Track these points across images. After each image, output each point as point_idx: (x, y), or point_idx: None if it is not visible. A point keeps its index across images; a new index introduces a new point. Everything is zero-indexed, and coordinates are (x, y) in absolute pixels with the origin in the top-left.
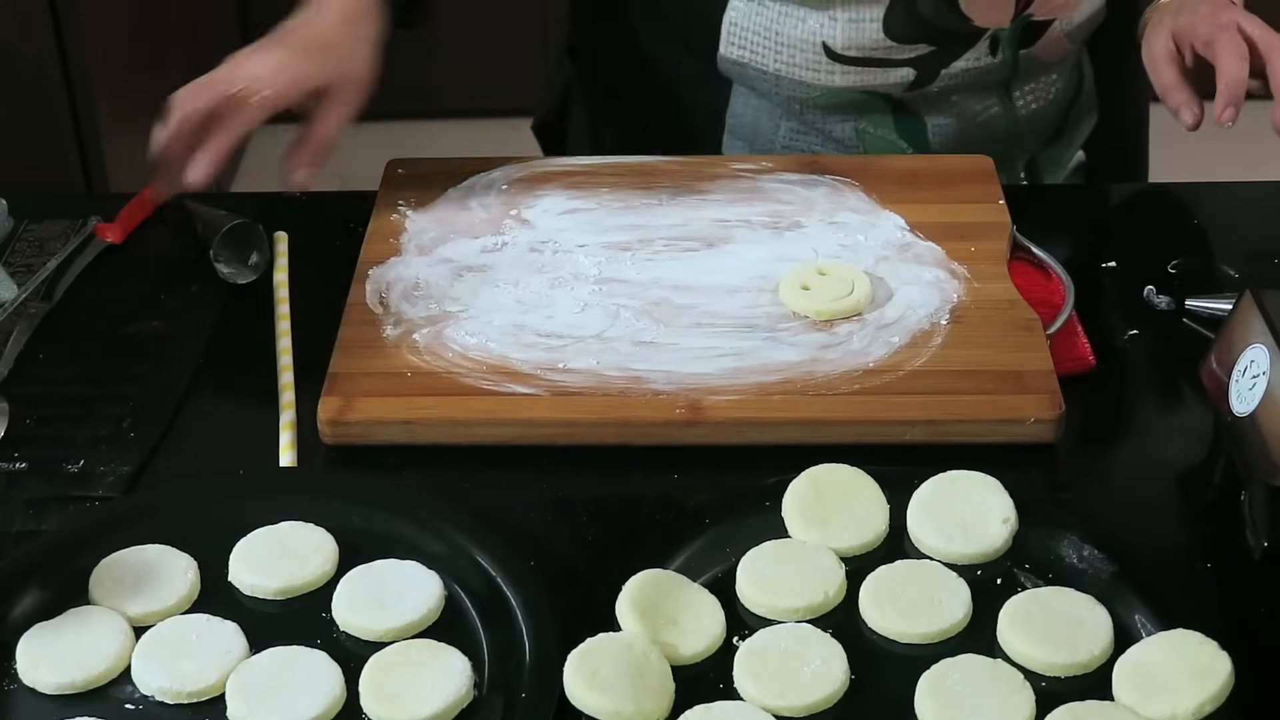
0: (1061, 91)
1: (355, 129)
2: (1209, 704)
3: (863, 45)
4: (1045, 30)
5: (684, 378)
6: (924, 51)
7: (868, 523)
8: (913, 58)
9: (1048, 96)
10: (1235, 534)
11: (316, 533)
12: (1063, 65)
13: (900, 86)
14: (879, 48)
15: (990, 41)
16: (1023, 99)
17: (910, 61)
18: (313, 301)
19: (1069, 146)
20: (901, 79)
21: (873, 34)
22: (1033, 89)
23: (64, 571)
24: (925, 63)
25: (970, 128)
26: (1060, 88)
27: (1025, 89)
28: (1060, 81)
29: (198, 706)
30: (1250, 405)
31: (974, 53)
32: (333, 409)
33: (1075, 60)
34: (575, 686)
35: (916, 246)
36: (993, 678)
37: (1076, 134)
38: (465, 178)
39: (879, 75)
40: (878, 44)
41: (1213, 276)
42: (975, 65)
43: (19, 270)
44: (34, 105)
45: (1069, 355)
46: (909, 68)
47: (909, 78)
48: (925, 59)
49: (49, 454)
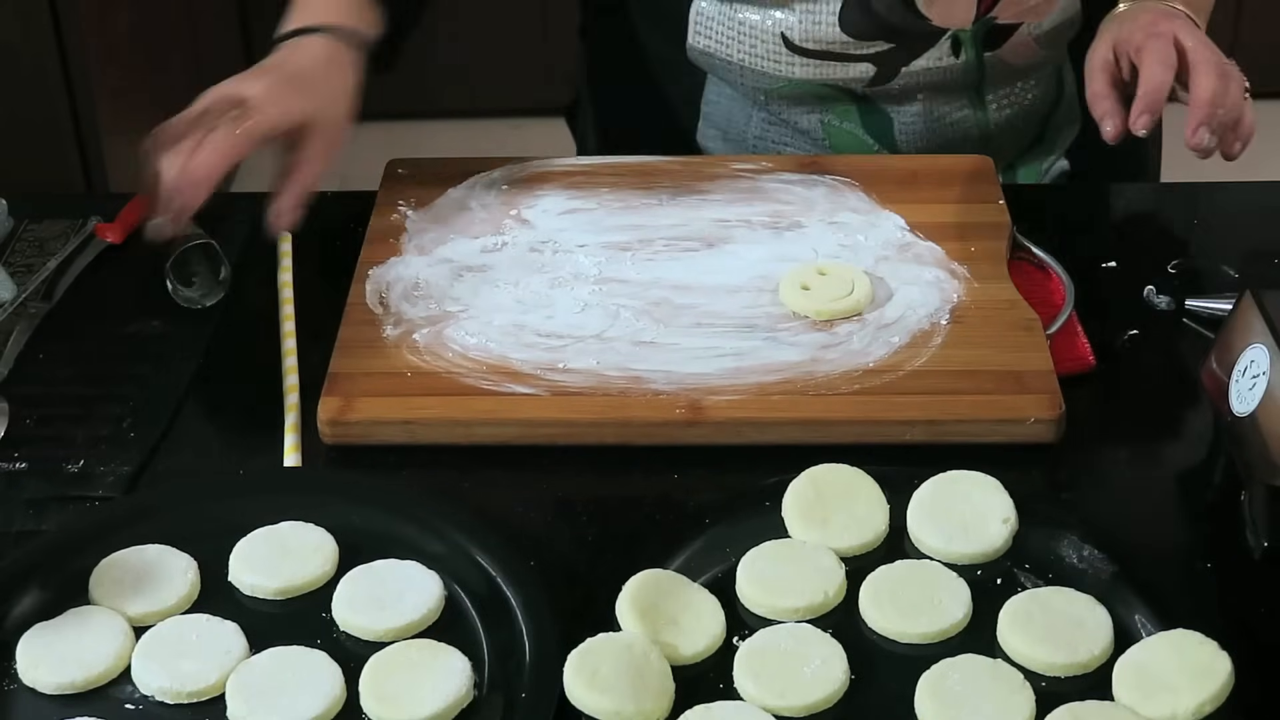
0: (1038, 99)
1: (356, 129)
2: (1209, 704)
3: (819, 39)
4: (1012, 34)
5: (684, 378)
6: (882, 48)
7: (868, 523)
8: (871, 54)
9: (1023, 102)
10: (1235, 534)
11: (316, 533)
12: (1039, 72)
13: (860, 82)
14: (836, 42)
15: (951, 42)
16: (995, 103)
17: (869, 57)
18: (313, 302)
19: (1049, 153)
20: (861, 74)
21: (829, 28)
22: (1006, 94)
23: (64, 571)
24: (884, 59)
25: (940, 128)
26: (1037, 94)
27: (998, 93)
28: (1037, 88)
29: (198, 706)
30: (1250, 405)
31: (935, 52)
32: (333, 409)
33: (1054, 68)
34: (575, 686)
35: (916, 246)
36: (993, 678)
37: (1058, 141)
38: (465, 178)
39: (838, 69)
40: (834, 39)
41: (1213, 276)
42: (937, 65)
43: (19, 270)
44: (34, 105)
45: (1069, 355)
46: (868, 63)
47: (868, 74)
48: (884, 56)
49: (49, 454)
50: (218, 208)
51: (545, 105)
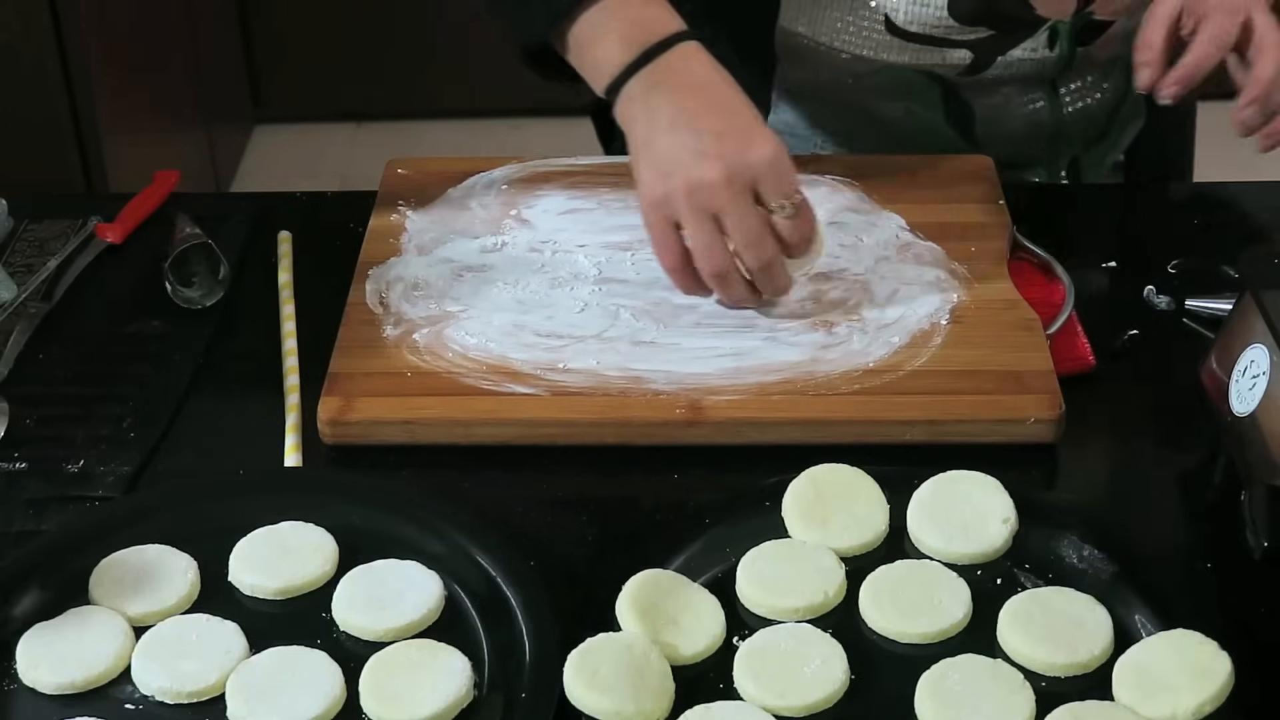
0: (1108, 93)
1: (355, 129)
2: (1209, 704)
3: (925, 21)
4: (1105, 29)
5: (684, 378)
6: (983, 35)
7: (868, 523)
8: (972, 40)
9: (1094, 96)
10: (1235, 534)
11: (316, 533)
12: (1112, 66)
13: (955, 69)
14: (940, 25)
15: (1049, 34)
16: (1069, 96)
17: (969, 44)
18: (313, 301)
19: (1113, 149)
20: (958, 61)
21: (937, 10)
22: (1079, 87)
23: (64, 571)
24: (983, 47)
25: (1016, 123)
26: (1108, 89)
27: (1071, 87)
28: (1107, 83)
29: (198, 706)
30: (1250, 405)
31: (1032, 43)
32: (333, 409)
33: (1125, 63)
34: (575, 686)
35: (916, 246)
36: (993, 678)
37: (1122, 137)
38: (465, 178)
39: (936, 55)
40: (940, 21)
41: (1213, 276)
42: (1031, 56)
43: (19, 270)
44: (34, 105)
45: (1069, 355)
46: (966, 50)
47: (965, 60)
48: (984, 43)
49: (49, 454)
50: (218, 208)
51: (545, 105)
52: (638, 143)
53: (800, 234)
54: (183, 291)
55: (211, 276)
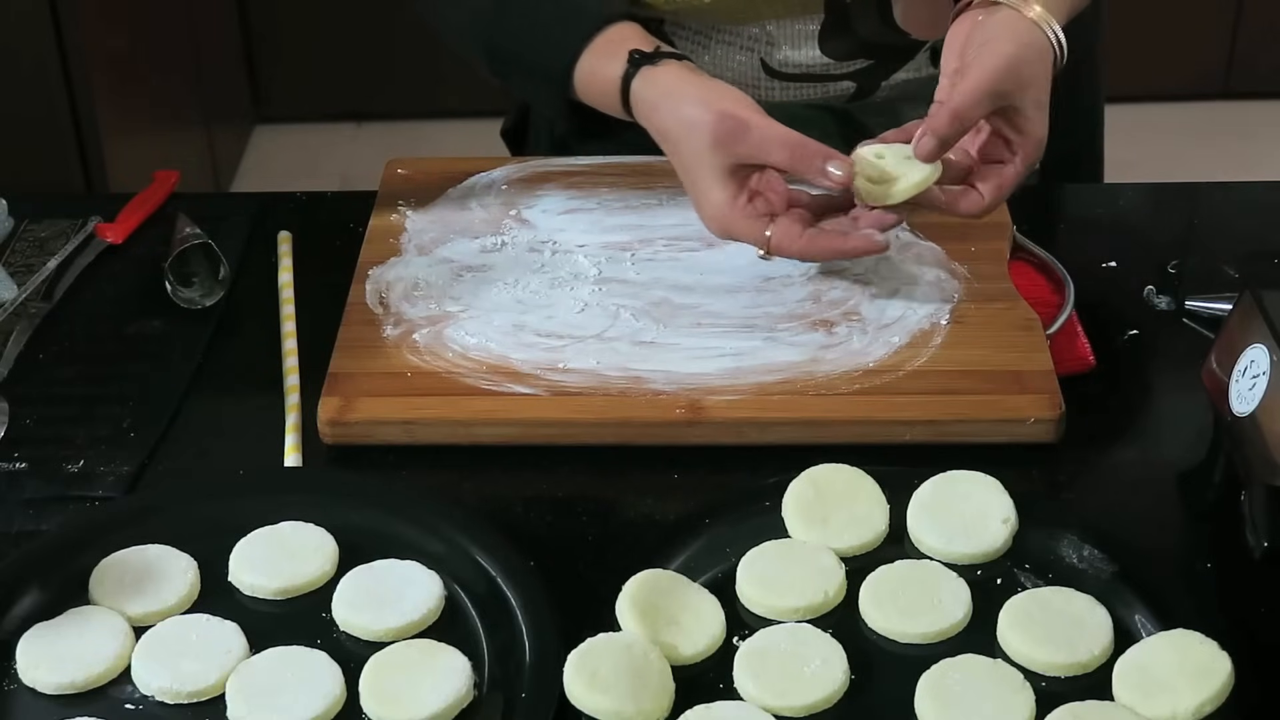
0: None
1: (355, 129)
2: (1209, 704)
3: (799, 63)
4: None
5: (684, 378)
6: (862, 65)
7: (868, 523)
8: (851, 72)
9: None
10: (1235, 534)
11: (316, 533)
12: None
13: (841, 98)
14: (816, 65)
15: (930, 53)
16: None
17: (849, 75)
18: (313, 301)
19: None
20: (842, 91)
21: (810, 53)
22: None
23: (64, 571)
24: (865, 75)
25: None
26: None
27: None
28: None
29: (198, 706)
30: (1250, 405)
31: (914, 64)
32: (333, 409)
33: None
34: (575, 686)
35: (916, 246)
36: (993, 678)
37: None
38: (465, 178)
39: (819, 89)
40: (815, 61)
41: (1213, 276)
42: (917, 75)
43: (19, 270)
44: (34, 105)
45: (1069, 355)
46: (849, 81)
47: (850, 89)
48: (864, 72)
49: (49, 454)
50: (218, 208)
51: None
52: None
53: (799, 251)
54: (183, 291)
55: (211, 276)
